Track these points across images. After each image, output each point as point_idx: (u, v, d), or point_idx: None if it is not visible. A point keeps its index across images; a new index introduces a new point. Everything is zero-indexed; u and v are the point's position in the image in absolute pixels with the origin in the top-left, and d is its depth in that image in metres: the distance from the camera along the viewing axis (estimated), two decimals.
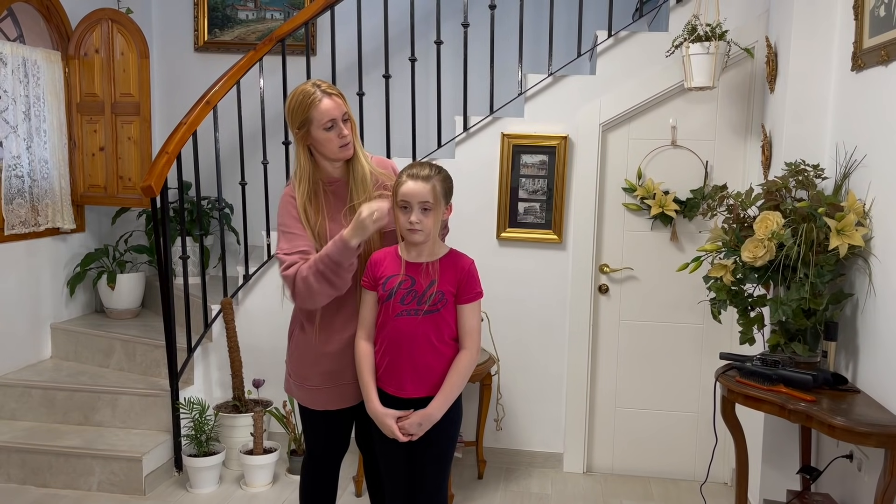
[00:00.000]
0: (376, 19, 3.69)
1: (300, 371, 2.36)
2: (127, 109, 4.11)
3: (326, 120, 2.20)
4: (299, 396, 2.39)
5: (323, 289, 2.16)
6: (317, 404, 2.35)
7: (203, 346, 3.74)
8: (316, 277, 2.15)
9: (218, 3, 4.67)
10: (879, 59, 2.39)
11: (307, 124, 2.21)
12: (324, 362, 2.31)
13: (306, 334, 2.32)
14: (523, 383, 3.73)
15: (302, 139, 2.24)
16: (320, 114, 2.20)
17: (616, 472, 3.73)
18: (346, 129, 2.25)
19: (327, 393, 2.33)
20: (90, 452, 3.37)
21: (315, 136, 2.22)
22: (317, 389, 2.33)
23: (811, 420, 2.24)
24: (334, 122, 2.21)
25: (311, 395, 2.35)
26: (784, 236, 2.47)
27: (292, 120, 2.24)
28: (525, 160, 3.58)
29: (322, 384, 2.32)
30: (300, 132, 2.23)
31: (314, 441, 2.44)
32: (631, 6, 3.90)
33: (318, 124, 2.21)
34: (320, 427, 2.41)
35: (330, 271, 2.14)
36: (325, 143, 2.23)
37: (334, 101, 2.22)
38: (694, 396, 3.62)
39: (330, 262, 2.13)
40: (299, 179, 2.27)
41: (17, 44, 3.92)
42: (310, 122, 2.21)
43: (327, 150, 2.25)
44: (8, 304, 3.82)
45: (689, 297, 3.51)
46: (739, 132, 3.46)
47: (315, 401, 2.35)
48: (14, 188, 3.88)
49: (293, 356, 2.39)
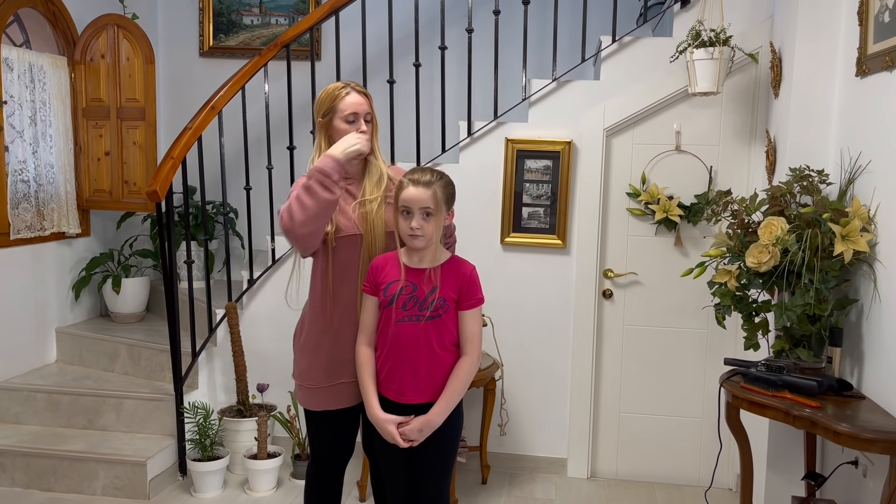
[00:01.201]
0: (381, 25, 3.70)
1: (301, 365, 2.38)
2: (132, 114, 4.13)
3: (349, 112, 2.29)
4: (301, 398, 2.41)
5: (314, 200, 2.16)
6: (316, 404, 2.37)
7: (207, 351, 3.75)
8: (301, 186, 2.19)
9: (223, 8, 4.69)
10: (884, 64, 2.39)
11: (331, 113, 2.31)
12: (325, 344, 2.32)
13: (312, 315, 2.34)
14: (527, 388, 3.73)
15: (324, 127, 2.33)
16: (345, 105, 2.30)
17: (620, 478, 3.72)
18: (366, 127, 2.31)
19: (325, 392, 2.34)
20: (94, 456, 3.38)
21: (336, 126, 2.31)
22: (315, 389, 2.35)
23: (816, 426, 2.23)
24: (356, 116, 2.30)
25: (310, 395, 2.37)
26: (788, 242, 2.46)
27: (318, 108, 2.34)
28: (529, 165, 3.59)
29: (320, 381, 2.33)
30: (323, 120, 2.32)
31: (318, 445, 2.45)
32: (635, 12, 3.91)
33: (340, 115, 2.30)
34: (323, 430, 2.42)
35: (317, 182, 2.16)
36: (344, 135, 2.29)
37: (361, 98, 2.32)
38: (698, 402, 3.61)
39: (316, 173, 2.17)
40: (315, 161, 2.32)
41: (23, 49, 3.94)
42: (334, 111, 2.30)
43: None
44: (13, 309, 3.83)
45: (694, 302, 3.50)
46: (743, 137, 3.46)
47: (314, 401, 2.37)
48: (20, 193, 3.90)
49: (298, 350, 2.41)
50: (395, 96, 3.73)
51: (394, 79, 3.70)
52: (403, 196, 2.15)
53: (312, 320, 2.36)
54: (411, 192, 2.14)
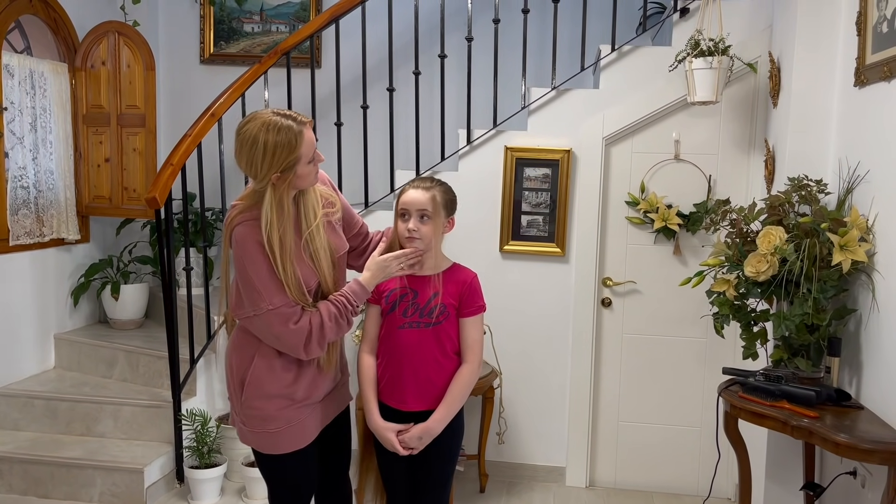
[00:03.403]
0: (381, 33, 3.71)
1: (269, 410, 2.07)
2: (132, 121, 4.13)
3: (312, 151, 1.94)
4: (272, 445, 2.09)
5: (339, 331, 2.10)
6: (303, 440, 2.12)
7: (206, 358, 3.74)
8: (334, 321, 2.05)
9: (224, 15, 4.70)
10: (882, 75, 2.40)
11: (296, 163, 1.89)
12: (300, 373, 2.11)
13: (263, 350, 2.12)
14: (526, 397, 3.72)
15: (284, 181, 1.91)
16: (308, 147, 1.91)
17: (619, 487, 3.71)
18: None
19: (310, 420, 2.14)
20: (92, 463, 3.37)
21: (300, 173, 1.92)
22: (295, 425, 2.10)
23: (814, 436, 2.23)
24: (315, 154, 1.98)
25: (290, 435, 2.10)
26: (787, 251, 2.47)
27: (274, 162, 1.87)
28: (528, 173, 3.59)
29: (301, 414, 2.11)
30: (285, 175, 1.90)
31: (304, 482, 2.22)
32: (634, 20, 3.92)
33: (306, 159, 1.92)
34: (306, 465, 2.19)
35: (347, 313, 2.10)
36: (304, 178, 1.96)
37: (310, 128, 1.96)
38: (697, 411, 3.61)
39: (348, 305, 2.09)
40: (274, 229, 1.92)
41: (24, 55, 3.95)
42: (298, 160, 1.89)
43: (305, 184, 1.99)
44: (12, 315, 3.83)
45: (692, 311, 3.50)
46: (742, 147, 3.46)
47: (299, 438, 2.11)
48: (20, 199, 3.90)
49: (260, 397, 2.08)
50: (394, 104, 3.73)
51: (393, 87, 3.71)
52: (402, 199, 2.17)
53: (264, 359, 2.10)
54: (409, 195, 2.15)
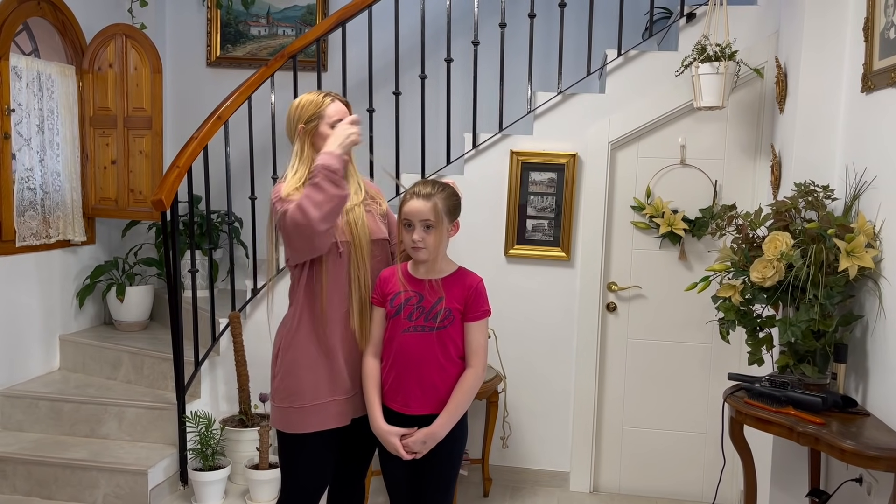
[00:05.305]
0: (387, 37, 3.72)
1: (290, 385, 2.28)
2: (139, 123, 4.15)
3: (336, 119, 2.32)
4: (287, 422, 2.29)
5: (322, 192, 2.11)
6: (310, 425, 2.25)
7: (210, 360, 3.74)
8: (311, 186, 2.13)
9: (230, 18, 4.72)
10: (889, 81, 2.39)
11: (317, 119, 2.34)
12: (320, 360, 2.27)
13: (301, 332, 2.29)
14: (530, 401, 3.72)
15: (308, 134, 2.35)
16: (332, 111, 2.34)
17: (623, 492, 3.70)
18: None
19: (320, 410, 2.25)
20: (96, 465, 3.38)
21: (322, 132, 2.32)
22: (309, 407, 2.25)
23: (820, 443, 2.22)
24: (341, 122, 2.31)
25: (302, 416, 2.26)
26: (793, 257, 2.46)
27: (301, 115, 2.35)
28: (534, 177, 3.59)
29: (316, 398, 2.25)
30: (308, 126, 2.34)
31: (307, 472, 2.33)
32: (641, 25, 3.92)
33: (327, 121, 2.33)
34: (312, 454, 2.31)
35: (320, 176, 2.12)
36: (325, 140, 2.30)
37: (344, 107, 2.38)
38: (702, 416, 3.60)
39: (319, 172, 2.13)
40: (295, 170, 2.32)
41: (31, 58, 3.97)
42: (320, 117, 2.34)
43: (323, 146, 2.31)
44: (18, 316, 3.84)
45: (698, 316, 3.49)
46: (749, 152, 3.46)
47: (308, 421, 2.25)
48: (26, 200, 3.91)
49: (285, 370, 2.31)
50: (400, 108, 3.74)
51: (399, 90, 3.72)
52: (405, 209, 2.17)
53: (303, 337, 2.28)
54: (412, 205, 2.16)
